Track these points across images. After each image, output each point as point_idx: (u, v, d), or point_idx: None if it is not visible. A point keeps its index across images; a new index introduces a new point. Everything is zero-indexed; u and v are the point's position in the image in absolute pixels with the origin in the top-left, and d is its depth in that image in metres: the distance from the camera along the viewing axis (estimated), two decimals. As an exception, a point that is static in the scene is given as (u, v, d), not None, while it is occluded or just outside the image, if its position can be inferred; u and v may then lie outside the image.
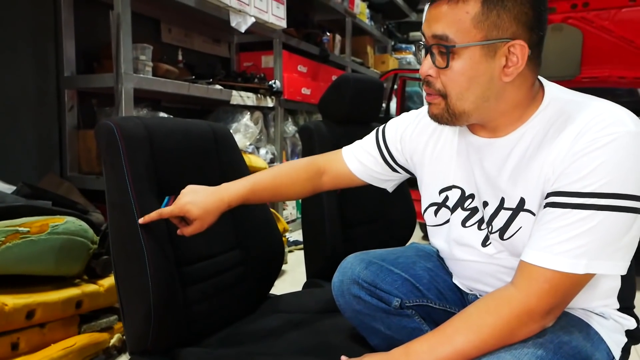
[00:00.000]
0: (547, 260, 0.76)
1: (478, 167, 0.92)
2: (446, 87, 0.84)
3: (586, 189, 0.74)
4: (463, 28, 0.79)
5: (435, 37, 0.82)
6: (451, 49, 0.80)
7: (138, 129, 1.08)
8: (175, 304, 1.04)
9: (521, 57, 0.79)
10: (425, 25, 0.84)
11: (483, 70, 0.81)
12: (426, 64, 0.85)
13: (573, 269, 0.74)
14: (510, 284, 0.80)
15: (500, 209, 0.88)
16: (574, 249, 0.74)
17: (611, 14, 2.71)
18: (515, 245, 0.87)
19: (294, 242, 3.24)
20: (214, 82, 2.72)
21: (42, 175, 2.17)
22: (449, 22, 0.80)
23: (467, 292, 1.03)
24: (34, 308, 1.32)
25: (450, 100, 0.84)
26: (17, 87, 2.11)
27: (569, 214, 0.75)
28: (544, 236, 0.77)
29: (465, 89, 0.82)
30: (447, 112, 0.85)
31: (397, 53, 6.23)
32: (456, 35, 0.79)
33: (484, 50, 0.80)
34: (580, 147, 0.76)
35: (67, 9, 2.21)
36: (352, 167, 1.12)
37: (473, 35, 0.79)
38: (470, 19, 0.78)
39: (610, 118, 0.77)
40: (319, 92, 3.81)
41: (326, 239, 1.52)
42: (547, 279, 0.76)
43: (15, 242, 1.29)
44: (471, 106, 0.83)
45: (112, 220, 1.03)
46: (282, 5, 3.18)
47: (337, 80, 1.63)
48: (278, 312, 1.27)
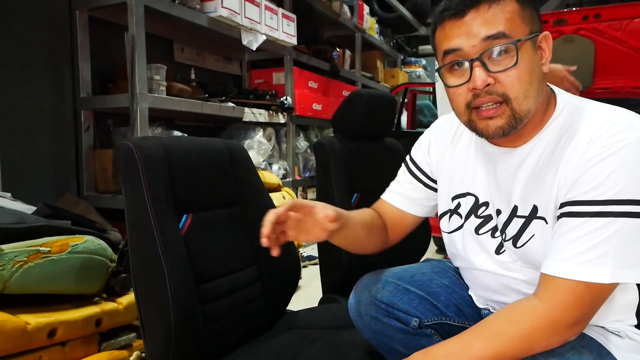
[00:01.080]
0: (570, 271, 0.75)
1: (492, 175, 0.92)
2: (512, 88, 0.80)
3: (602, 197, 0.74)
4: (515, 24, 0.80)
5: (490, 37, 0.79)
6: (517, 42, 0.79)
7: (156, 149, 1.10)
8: (195, 322, 1.05)
9: (549, 47, 0.83)
10: (460, 37, 0.81)
11: (536, 63, 0.82)
12: (481, 75, 0.80)
13: (598, 279, 0.73)
14: (534, 295, 0.79)
15: (513, 217, 0.89)
16: (596, 258, 0.74)
17: (623, 24, 2.71)
18: (528, 254, 0.87)
19: (307, 257, 3.24)
20: (227, 100, 2.75)
21: (60, 195, 2.21)
22: (500, 20, 0.79)
23: (481, 307, 1.03)
24: (56, 327, 1.33)
25: (517, 102, 0.80)
26: (35, 109, 2.16)
27: (587, 223, 0.75)
28: (564, 247, 0.77)
29: (529, 85, 0.80)
30: (514, 117, 0.81)
31: (406, 67, 6.25)
32: (512, 32, 0.79)
33: (532, 44, 0.81)
34: (592, 155, 0.76)
35: (83, 31, 2.27)
36: (399, 205, 1.09)
37: (523, 30, 0.80)
38: (517, 15, 0.80)
39: (620, 124, 0.77)
40: (330, 108, 3.84)
41: (341, 253, 1.52)
42: (572, 290, 0.75)
43: (36, 261, 1.31)
44: (533, 103, 0.82)
45: (131, 238, 1.04)
46: (292, 22, 3.22)
47: (350, 96, 1.64)
48: (295, 328, 1.27)
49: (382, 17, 5.45)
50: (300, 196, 3.76)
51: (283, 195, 2.74)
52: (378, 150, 1.74)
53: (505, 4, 0.79)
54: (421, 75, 6.27)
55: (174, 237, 1.05)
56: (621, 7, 2.77)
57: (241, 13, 2.69)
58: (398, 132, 3.91)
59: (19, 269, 1.28)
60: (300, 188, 3.77)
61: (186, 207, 1.12)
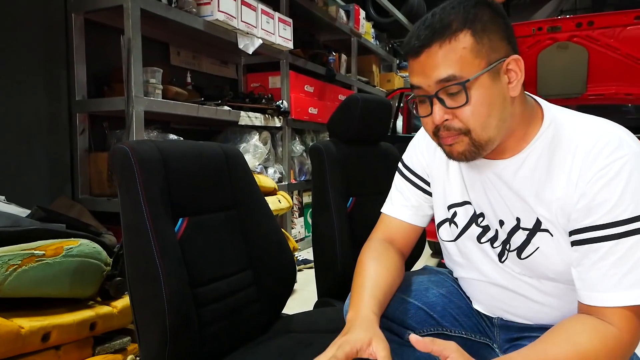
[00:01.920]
0: (624, 298, 0.76)
1: (491, 187, 0.92)
2: (468, 122, 0.82)
3: (622, 216, 0.76)
4: (467, 62, 0.79)
5: (441, 81, 0.81)
6: (466, 84, 0.79)
7: (152, 152, 1.10)
8: (190, 326, 1.05)
9: (520, 69, 0.83)
10: (420, 76, 0.83)
11: (496, 93, 0.82)
12: (438, 112, 0.83)
13: None
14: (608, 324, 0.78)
15: (517, 229, 0.89)
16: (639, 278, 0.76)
17: (616, 32, 2.73)
18: (533, 265, 0.88)
19: (303, 261, 3.24)
20: (223, 104, 2.75)
21: (54, 198, 2.20)
22: (451, 62, 0.80)
23: (491, 316, 1.03)
24: (50, 330, 1.32)
25: (475, 133, 0.82)
26: (30, 112, 2.15)
27: (618, 245, 0.76)
28: (605, 274, 0.78)
29: (487, 117, 0.82)
30: (473, 145, 0.84)
31: (402, 71, 6.28)
32: (463, 71, 0.79)
33: (490, 75, 0.81)
34: (596, 176, 0.78)
35: (79, 34, 2.27)
36: (403, 217, 1.08)
37: (477, 65, 0.80)
38: (469, 52, 0.79)
39: (615, 141, 0.79)
40: (326, 112, 3.85)
41: (337, 257, 1.52)
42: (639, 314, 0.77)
43: (31, 265, 1.31)
44: (495, 132, 0.83)
45: (127, 242, 1.04)
46: (288, 26, 3.23)
47: (346, 101, 1.65)
48: (291, 332, 1.27)
49: (378, 22, 5.48)
50: (295, 200, 3.76)
51: (279, 199, 2.74)
52: (374, 154, 1.75)
53: (457, 42, 0.79)
54: (416, 80, 6.28)
55: (170, 240, 1.05)
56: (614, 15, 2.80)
57: (237, 17, 2.70)
58: (393, 136, 3.92)
59: (13, 273, 1.28)
60: (295, 192, 3.77)
61: (182, 211, 1.12)
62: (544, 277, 0.89)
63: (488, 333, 1.04)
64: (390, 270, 0.99)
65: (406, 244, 1.09)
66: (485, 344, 1.03)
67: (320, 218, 1.56)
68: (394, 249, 1.05)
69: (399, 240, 1.08)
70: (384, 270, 0.98)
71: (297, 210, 3.81)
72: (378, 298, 0.91)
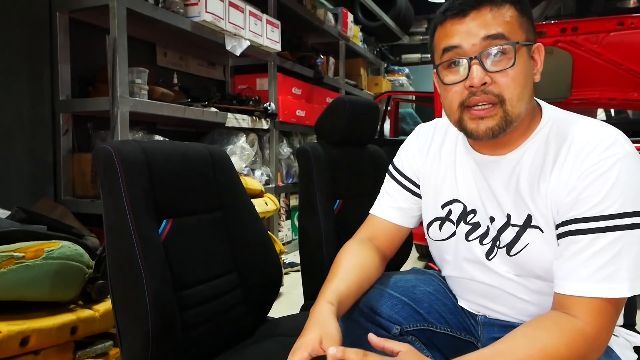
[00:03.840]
0: (594, 289, 0.76)
1: (483, 183, 0.93)
2: (507, 89, 0.81)
3: (607, 212, 0.77)
4: (513, 28, 0.82)
5: (490, 37, 0.81)
6: (516, 44, 0.81)
7: (136, 153, 1.08)
8: (173, 329, 1.03)
9: (541, 58, 0.86)
10: (461, 35, 0.82)
11: (529, 69, 0.85)
12: (478, 73, 0.81)
13: (618, 293, 0.76)
14: (571, 315, 0.77)
15: (507, 225, 0.90)
16: (613, 273, 0.76)
17: (600, 37, 2.77)
18: (521, 262, 0.88)
19: (289, 264, 3.23)
20: (209, 105, 2.74)
21: (36, 199, 2.16)
22: (500, 23, 0.81)
23: (475, 313, 1.03)
24: (29, 335, 1.29)
25: (511, 104, 0.82)
26: (12, 111, 2.11)
27: (598, 239, 0.77)
28: (580, 266, 0.78)
29: (524, 88, 0.83)
30: (505, 119, 0.83)
31: (390, 75, 6.31)
32: (510, 34, 0.82)
33: (527, 52, 0.84)
34: (587, 171, 0.79)
35: (63, 34, 2.23)
36: (390, 218, 1.08)
37: (520, 35, 0.83)
38: (515, 21, 0.82)
39: (608, 139, 0.80)
40: (314, 114, 3.84)
41: (324, 260, 1.51)
42: (609, 309, 0.77)
43: (10, 267, 1.28)
44: (525, 107, 0.84)
45: (109, 244, 1.02)
46: (276, 28, 3.22)
47: (333, 103, 1.64)
48: (276, 336, 1.26)
49: (366, 26, 5.51)
50: (282, 202, 3.75)
51: (265, 201, 2.72)
52: (361, 157, 1.74)
53: (505, 9, 0.82)
54: (404, 84, 6.33)
55: (153, 242, 1.03)
56: (598, 21, 2.84)
57: (225, 18, 2.68)
58: (381, 139, 3.93)
59: (-8, 275, 1.25)
60: (282, 194, 3.76)
61: (166, 212, 1.10)
62: (532, 275, 0.89)
63: (473, 331, 1.04)
64: (363, 265, 1.00)
65: (390, 245, 1.09)
66: (470, 342, 1.04)
67: (307, 220, 1.55)
68: (374, 247, 1.06)
69: (383, 241, 1.09)
70: (356, 266, 0.99)
71: (284, 213, 3.80)
72: (340, 289, 0.94)
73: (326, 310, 0.89)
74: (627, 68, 2.79)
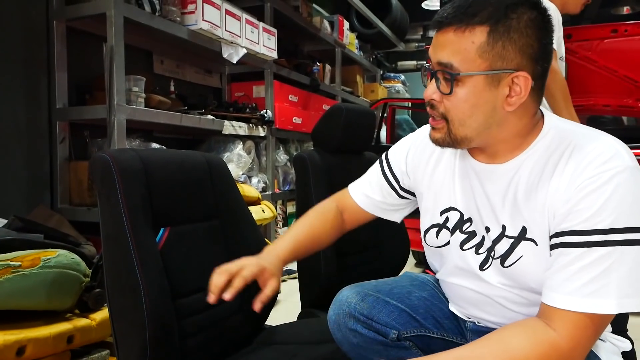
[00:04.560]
0: (578, 304, 0.75)
1: (479, 192, 0.92)
2: (449, 112, 0.85)
3: (598, 226, 0.75)
4: (468, 57, 0.80)
5: (440, 64, 0.83)
6: (455, 76, 0.81)
7: (133, 161, 1.08)
8: (170, 337, 1.03)
9: (524, 88, 0.81)
10: (432, 50, 0.86)
11: (486, 98, 0.82)
12: (431, 88, 0.86)
13: (605, 309, 0.74)
14: (549, 327, 0.77)
15: (502, 237, 0.89)
16: (601, 288, 0.74)
17: (594, 44, 2.79)
18: (516, 274, 0.88)
19: (287, 272, 3.22)
20: (206, 113, 2.74)
21: (32, 208, 2.15)
22: (455, 50, 0.81)
23: (464, 319, 1.03)
24: (25, 344, 1.29)
25: (453, 126, 0.85)
26: (9, 119, 2.11)
27: (588, 253, 0.75)
28: (568, 279, 0.77)
29: (468, 116, 0.83)
30: (449, 136, 0.87)
31: (385, 82, 6.33)
32: (461, 64, 0.81)
33: (487, 80, 0.81)
34: (583, 183, 0.77)
35: (60, 42, 2.23)
36: (360, 202, 1.14)
37: (477, 65, 0.80)
38: (475, 49, 0.80)
39: (608, 152, 0.78)
40: (310, 121, 3.85)
41: (321, 268, 1.51)
42: (587, 325, 0.75)
43: (6, 276, 1.27)
44: (473, 133, 0.85)
45: (106, 252, 1.02)
46: (272, 36, 3.23)
47: (330, 110, 1.65)
48: (274, 344, 1.26)
49: (362, 33, 5.52)
50: (279, 209, 3.74)
51: (262, 208, 2.72)
52: (357, 163, 1.75)
53: (471, 34, 0.80)
54: (400, 91, 6.35)
55: (151, 250, 1.03)
56: (592, 28, 2.86)
57: (222, 26, 2.69)
58: (377, 146, 3.94)
59: (-12, 284, 1.24)
60: (279, 201, 3.76)
61: (164, 221, 1.10)
62: (525, 287, 0.89)
63: (465, 336, 1.04)
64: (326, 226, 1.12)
65: (353, 221, 1.17)
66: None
67: (304, 228, 1.55)
68: (339, 213, 1.15)
69: (347, 215, 1.16)
70: (317, 224, 1.11)
71: (281, 220, 3.79)
72: (292, 246, 1.06)
73: (278, 258, 1.01)
74: (622, 74, 2.81)
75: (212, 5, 2.59)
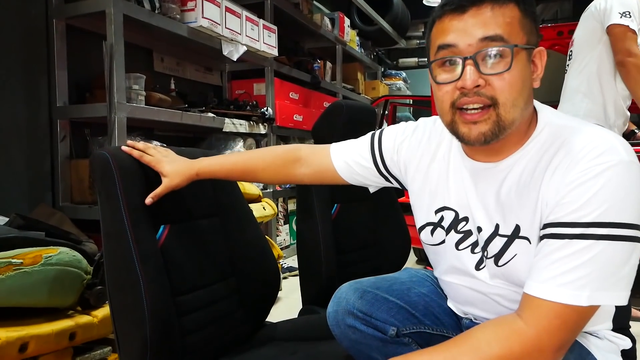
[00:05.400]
0: (550, 292, 0.74)
1: (473, 191, 0.92)
2: (501, 93, 0.78)
3: (584, 219, 0.74)
4: (514, 30, 0.78)
5: (488, 39, 0.78)
6: (514, 47, 0.78)
7: (133, 159, 1.09)
8: (171, 335, 1.03)
9: (542, 64, 0.82)
10: (458, 33, 0.79)
11: (527, 74, 0.81)
12: (472, 75, 0.78)
13: (576, 301, 0.73)
14: (518, 316, 0.77)
15: (495, 235, 0.88)
16: (576, 280, 0.73)
17: None
18: (510, 273, 0.87)
19: (288, 269, 3.22)
20: (207, 110, 2.74)
21: (34, 206, 2.16)
22: (500, 23, 0.78)
23: (461, 316, 1.03)
24: (27, 341, 1.29)
25: (504, 108, 0.79)
26: (9, 118, 2.11)
27: (569, 245, 0.74)
28: (545, 267, 0.76)
29: (519, 94, 0.79)
30: (498, 124, 0.80)
31: (387, 79, 6.32)
32: (510, 37, 0.78)
33: (527, 55, 0.80)
34: (574, 177, 0.76)
35: (60, 40, 2.24)
36: (337, 166, 1.10)
37: (521, 38, 0.79)
38: (517, 22, 0.79)
39: (603, 146, 0.76)
40: (311, 119, 3.85)
41: (322, 265, 1.52)
42: (556, 314, 0.74)
43: (8, 274, 1.28)
44: (519, 113, 0.80)
45: (107, 250, 1.02)
46: (273, 33, 3.23)
47: (330, 107, 1.65)
48: (275, 340, 1.26)
49: (363, 30, 5.52)
50: (280, 207, 3.75)
51: (263, 206, 2.73)
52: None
53: (507, 9, 0.79)
54: (401, 88, 6.34)
55: (151, 248, 1.04)
56: None
57: (222, 24, 2.69)
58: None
59: (-10, 282, 1.25)
60: (281, 199, 3.76)
61: (164, 218, 1.11)
62: (520, 285, 0.87)
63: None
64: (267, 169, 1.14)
65: (318, 178, 1.15)
66: None
67: (305, 225, 1.56)
68: (297, 163, 1.14)
69: (314, 171, 1.14)
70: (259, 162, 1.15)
71: (282, 218, 3.80)
72: (214, 168, 1.13)
73: (193, 169, 1.11)
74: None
75: (212, 2, 2.59)
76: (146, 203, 1.05)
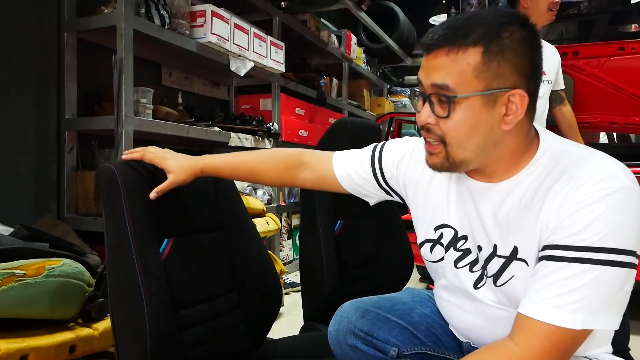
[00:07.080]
0: (543, 313, 0.75)
1: (473, 210, 0.92)
2: (446, 135, 0.84)
3: (582, 243, 0.74)
4: (464, 79, 0.79)
5: (435, 86, 0.82)
6: (452, 99, 0.80)
7: (139, 172, 1.09)
8: (172, 349, 1.03)
9: (521, 106, 0.80)
10: (423, 73, 0.85)
11: (484, 119, 0.81)
12: (425, 112, 0.85)
13: (569, 324, 0.73)
14: (509, 338, 0.78)
15: (494, 255, 0.89)
16: (571, 304, 0.73)
17: (601, 62, 2.80)
18: (508, 293, 0.87)
19: (290, 284, 3.21)
20: (213, 125, 2.76)
21: (39, 216, 2.17)
22: (450, 72, 0.80)
23: (462, 340, 1.02)
24: (27, 353, 1.29)
25: (451, 149, 0.84)
26: (18, 128, 2.14)
27: (567, 268, 0.75)
28: (541, 289, 0.76)
29: (466, 138, 0.82)
30: (447, 160, 0.85)
31: (392, 96, 6.35)
32: (457, 86, 0.79)
33: (484, 100, 0.80)
34: (576, 201, 0.76)
35: (71, 53, 2.27)
36: (338, 175, 1.12)
37: (474, 86, 0.79)
38: (471, 70, 0.79)
39: (604, 172, 0.77)
40: (317, 134, 3.86)
41: (324, 281, 1.51)
42: (548, 335, 0.74)
43: (11, 285, 1.28)
44: (471, 155, 0.84)
45: (110, 262, 1.02)
46: (280, 50, 3.26)
47: (335, 124, 1.66)
48: (276, 357, 1.25)
49: (369, 48, 5.56)
50: (284, 222, 3.75)
51: (267, 220, 2.73)
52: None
53: (466, 54, 0.79)
54: (407, 105, 6.36)
55: (154, 261, 1.04)
56: (599, 46, 2.87)
57: (230, 39, 2.72)
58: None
59: (-7, 292, 1.25)
60: (284, 214, 3.76)
61: (167, 232, 1.11)
62: (516, 306, 0.88)
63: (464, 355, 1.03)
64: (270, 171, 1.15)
65: (318, 184, 1.17)
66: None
67: (308, 241, 1.55)
68: (300, 168, 1.14)
69: (315, 177, 1.15)
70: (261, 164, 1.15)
71: (285, 233, 3.79)
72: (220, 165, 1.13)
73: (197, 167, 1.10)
74: (629, 92, 2.81)
75: (220, 18, 2.63)
76: (150, 197, 1.05)
